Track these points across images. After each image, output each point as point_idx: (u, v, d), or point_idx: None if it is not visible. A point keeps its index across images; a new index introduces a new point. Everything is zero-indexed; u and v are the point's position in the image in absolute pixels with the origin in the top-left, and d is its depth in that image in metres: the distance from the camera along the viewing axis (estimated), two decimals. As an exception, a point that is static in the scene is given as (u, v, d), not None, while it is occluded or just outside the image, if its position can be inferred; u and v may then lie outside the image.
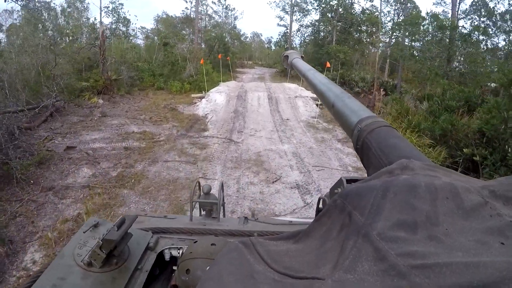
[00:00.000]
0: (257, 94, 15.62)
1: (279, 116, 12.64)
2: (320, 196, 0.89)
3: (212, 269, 0.47)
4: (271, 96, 15.32)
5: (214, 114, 12.69)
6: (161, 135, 10.26)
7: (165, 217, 1.46)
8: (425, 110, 11.90)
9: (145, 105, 15.44)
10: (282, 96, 15.43)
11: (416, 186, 0.44)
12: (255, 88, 17.59)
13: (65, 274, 0.90)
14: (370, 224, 0.41)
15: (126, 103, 16.15)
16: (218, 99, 14.44)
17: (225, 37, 29.34)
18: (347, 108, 1.05)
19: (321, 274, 0.40)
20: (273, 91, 16.92)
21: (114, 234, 0.91)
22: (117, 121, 12.02)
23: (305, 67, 1.62)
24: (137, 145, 9.45)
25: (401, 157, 0.62)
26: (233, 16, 38.84)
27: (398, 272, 0.33)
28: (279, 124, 11.49)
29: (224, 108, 13.36)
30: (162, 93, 19.21)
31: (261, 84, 20.27)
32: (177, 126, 11.31)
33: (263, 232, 1.27)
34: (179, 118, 12.44)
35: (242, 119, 12.05)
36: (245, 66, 41.77)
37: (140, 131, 10.73)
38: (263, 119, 12.03)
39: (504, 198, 0.43)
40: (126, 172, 7.63)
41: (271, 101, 14.66)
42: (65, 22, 26.58)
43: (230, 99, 14.56)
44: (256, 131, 10.51)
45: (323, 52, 27.49)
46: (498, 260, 0.31)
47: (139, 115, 13.22)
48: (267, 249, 0.51)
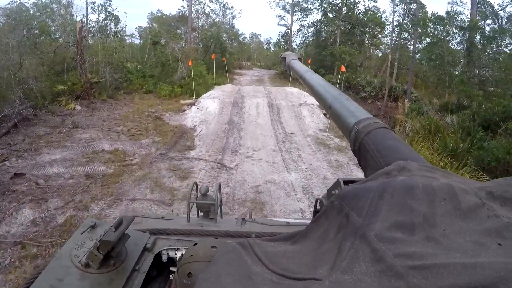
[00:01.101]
0: (255, 100, 13.48)
1: (282, 129, 10.51)
2: (318, 197, 0.88)
3: (210, 270, 0.46)
4: (271, 103, 13.18)
5: (204, 125, 10.54)
6: (136, 156, 8.11)
7: (162, 218, 1.45)
8: (455, 125, 9.80)
9: (127, 112, 13.29)
10: (285, 103, 13.29)
11: (413, 187, 0.44)
12: (254, 93, 15.43)
13: (63, 275, 0.88)
14: (368, 225, 0.41)
15: (106, 110, 14.02)
16: (210, 106, 12.29)
17: (222, 36, 27.16)
18: (344, 110, 1.01)
19: (318, 275, 0.40)
20: (274, 96, 14.78)
21: (112, 235, 0.89)
22: (88, 135, 9.86)
23: (302, 68, 1.58)
24: (103, 171, 7.31)
25: (398, 158, 0.62)
26: (231, 15, 36.67)
27: (396, 273, 0.33)
28: (283, 140, 9.36)
29: (216, 118, 11.21)
30: (150, 98, 17.05)
31: (260, 88, 18.10)
32: (158, 142, 9.16)
33: (261, 233, 1.24)
34: (162, 131, 10.29)
35: (238, 132, 9.91)
36: (243, 67, 39.62)
37: (111, 149, 8.58)
38: (263, 133, 9.90)
39: (502, 199, 0.42)
40: (77, 216, 5.53)
41: (271, 109, 12.52)
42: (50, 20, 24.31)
43: (225, 107, 12.41)
44: (254, 150, 8.37)
45: (327, 54, 25.37)
46: (495, 261, 0.31)
47: (116, 125, 11.06)
48: (264, 250, 0.50)
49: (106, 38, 25.22)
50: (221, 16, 35.88)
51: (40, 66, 14.32)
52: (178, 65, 18.49)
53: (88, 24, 22.14)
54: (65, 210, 5.76)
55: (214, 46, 24.80)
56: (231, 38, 37.31)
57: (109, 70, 17.16)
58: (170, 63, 18.67)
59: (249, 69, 39.19)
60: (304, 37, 32.46)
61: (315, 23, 31.21)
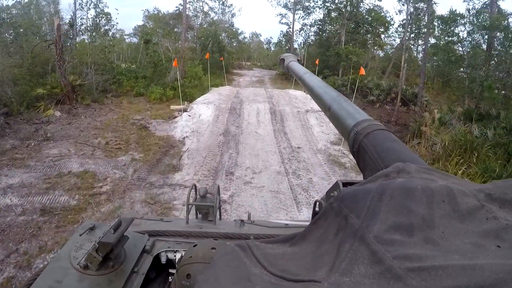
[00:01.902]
0: (255, 106, 11.85)
1: (287, 141, 8.90)
2: (316, 199, 0.84)
3: (209, 272, 0.46)
4: (274, 110, 11.56)
5: (195, 137, 8.93)
6: (107, 181, 6.50)
7: (161, 220, 1.44)
8: (490, 141, 8.18)
9: (111, 119, 11.69)
10: (289, 109, 11.67)
11: (412, 189, 0.43)
12: (254, 97, 13.80)
13: (61, 277, 0.87)
14: (366, 227, 0.41)
15: (88, 116, 12.44)
16: (204, 113, 10.67)
17: (220, 34, 25.48)
18: (343, 111, 0.99)
19: (317, 277, 0.39)
20: (276, 101, 13.14)
21: (111, 237, 0.88)
22: (58, 150, 8.25)
23: (301, 70, 1.57)
24: (63, 203, 5.73)
25: (397, 160, 0.62)
26: (230, 13, 34.97)
27: (394, 275, 0.32)
28: (288, 157, 7.75)
29: (210, 128, 9.59)
30: (140, 101, 15.43)
31: (261, 91, 16.46)
32: (138, 161, 7.54)
33: (260, 235, 1.21)
34: (145, 144, 8.67)
35: (235, 147, 8.30)
36: (243, 67, 37.93)
37: (80, 170, 6.98)
38: (265, 148, 8.29)
39: (500, 201, 0.42)
40: (16, 279, 4.01)
41: (274, 116, 10.90)
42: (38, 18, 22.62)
43: (220, 114, 10.79)
44: (254, 172, 6.76)
45: (331, 54, 23.72)
46: (494, 263, 0.31)
47: (94, 137, 9.44)
48: (263, 252, 0.50)
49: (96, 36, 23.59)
50: (220, 14, 34.21)
51: (17, 68, 12.72)
52: (172, 65, 16.85)
53: (76, 22, 20.45)
54: (3, 267, 4.19)
55: (212, 45, 23.14)
56: (230, 37, 35.65)
57: (95, 71, 15.57)
58: (163, 63, 17.03)
59: (249, 69, 37.52)
60: (306, 36, 30.80)
61: (318, 21, 29.58)
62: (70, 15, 22.33)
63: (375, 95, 20.67)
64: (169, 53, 17.10)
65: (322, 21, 28.89)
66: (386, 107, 20.24)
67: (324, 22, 28.87)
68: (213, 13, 34.11)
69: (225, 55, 24.01)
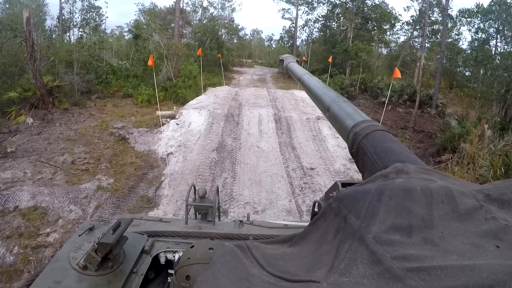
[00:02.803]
0: (257, 112, 10.02)
1: (297, 160, 7.11)
2: (316, 199, 0.84)
3: (208, 272, 0.45)
4: (279, 116, 9.73)
5: (182, 153, 7.14)
6: (58, 224, 4.76)
7: (160, 220, 1.41)
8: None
9: (87, 128, 9.91)
10: (296, 115, 9.84)
11: (411, 189, 0.43)
12: (255, 100, 11.96)
13: (61, 277, 0.86)
14: (365, 227, 0.40)
15: (63, 123, 10.68)
16: (195, 121, 8.85)
17: (219, 30, 23.55)
18: (342, 112, 1.00)
19: (316, 277, 0.39)
20: (281, 105, 11.31)
21: (110, 238, 0.87)
22: (11, 173, 6.50)
23: (300, 71, 1.57)
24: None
25: (396, 161, 0.61)
26: (230, 8, 32.94)
27: (394, 275, 0.32)
28: (300, 185, 5.96)
29: (201, 141, 7.79)
30: (127, 104, 13.62)
31: (263, 91, 14.60)
32: (105, 190, 5.78)
33: (259, 235, 1.19)
34: (120, 164, 6.90)
35: (231, 169, 6.51)
36: (244, 65, 35.94)
37: (30, 205, 5.25)
38: (269, 170, 6.50)
39: (499, 202, 0.42)
40: None
41: (279, 125, 9.08)
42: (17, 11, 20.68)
43: (215, 122, 8.97)
44: (255, 211, 4.99)
45: (339, 51, 21.81)
46: (493, 263, 0.31)
47: (61, 153, 7.66)
48: (262, 252, 0.50)
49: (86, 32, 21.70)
50: (219, 9, 32.21)
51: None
52: (163, 63, 15.02)
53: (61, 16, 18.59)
54: None
55: (210, 41, 21.24)
56: (230, 33, 33.69)
57: (78, 70, 13.75)
58: (155, 61, 15.18)
59: (250, 67, 35.56)
60: (310, 32, 28.83)
61: (322, 17, 27.58)
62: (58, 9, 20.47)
63: (386, 96, 18.80)
64: (161, 49, 15.25)
65: (326, 17, 26.91)
66: (399, 110, 18.40)
67: (327, 18, 26.91)
68: (212, 8, 32.15)
69: (224, 52, 22.12)
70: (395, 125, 15.29)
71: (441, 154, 9.63)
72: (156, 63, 15.25)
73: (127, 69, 16.75)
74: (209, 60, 21.65)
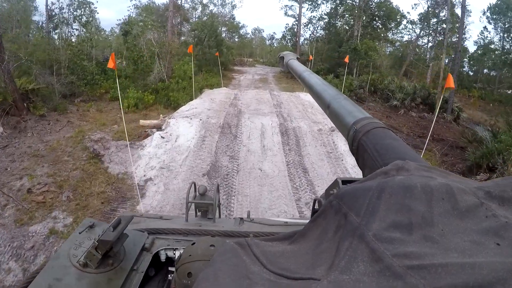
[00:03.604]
0: (259, 121, 8.33)
1: (310, 188, 5.44)
2: (316, 197, 0.83)
3: (208, 269, 0.45)
4: (285, 127, 8.04)
5: (163, 180, 5.48)
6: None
7: (161, 218, 1.41)
8: None
9: (61, 140, 8.31)
10: (306, 125, 8.15)
11: (411, 187, 0.42)
12: (256, 105, 10.28)
13: (61, 274, 0.85)
14: (366, 225, 0.40)
15: (37, 133, 9.07)
16: (184, 133, 7.17)
17: (218, 26, 21.80)
18: (343, 109, 0.99)
19: (316, 274, 0.39)
20: (287, 112, 9.61)
21: (110, 235, 0.85)
22: None
23: (300, 68, 1.56)
24: None
25: (396, 158, 0.60)
26: (230, 4, 31.12)
27: (394, 273, 0.32)
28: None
29: (189, 161, 6.13)
30: (113, 108, 11.95)
31: (265, 95, 12.91)
32: (59, 236, 4.16)
33: (259, 233, 1.19)
34: (85, 194, 5.27)
35: (225, 204, 4.84)
36: (245, 64, 34.16)
37: None
38: (275, 204, 4.84)
39: (500, 199, 0.41)
40: None
41: (286, 138, 7.40)
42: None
43: (208, 134, 7.30)
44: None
45: (346, 50, 20.07)
46: (493, 261, 0.31)
47: (20, 176, 6.05)
48: (263, 250, 0.49)
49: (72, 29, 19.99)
50: (219, 6, 30.43)
51: None
52: (155, 62, 13.32)
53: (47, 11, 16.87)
54: None
55: (208, 38, 19.52)
56: (230, 31, 31.96)
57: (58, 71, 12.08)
58: (146, 60, 13.52)
59: (251, 66, 33.79)
60: (315, 30, 27.07)
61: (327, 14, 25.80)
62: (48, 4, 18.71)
63: (398, 99, 17.09)
64: (152, 47, 13.55)
65: (331, 14, 25.14)
66: (412, 114, 16.69)
67: (332, 16, 25.14)
68: (212, 5, 30.38)
69: (223, 51, 20.40)
70: (412, 133, 13.53)
71: (475, 173, 7.98)
72: (148, 63, 13.61)
73: (119, 69, 15.06)
74: (208, 59, 19.93)
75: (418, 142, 12.11)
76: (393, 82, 18.33)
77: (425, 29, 26.95)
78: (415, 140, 12.21)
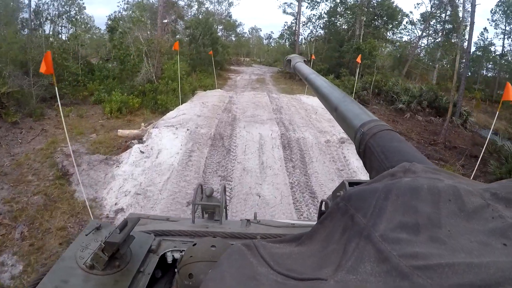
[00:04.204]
0: (257, 131, 7.18)
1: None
2: (323, 199, 0.80)
3: (215, 271, 0.45)
4: (288, 139, 6.89)
5: (138, 211, 4.33)
6: None
7: (167, 219, 1.40)
8: None
9: (29, 152, 7.20)
10: (311, 136, 7.01)
11: (418, 188, 0.42)
12: (254, 111, 9.12)
13: (68, 276, 0.83)
14: (373, 225, 0.40)
15: (6, 144, 7.94)
16: (166, 147, 6.01)
17: (213, 24, 20.57)
18: (350, 112, 0.98)
19: (323, 275, 0.39)
20: (289, 119, 8.47)
21: (116, 237, 0.83)
22: None
23: (307, 70, 1.56)
24: None
25: (403, 160, 0.59)
26: (227, 2, 29.88)
27: (401, 273, 0.32)
28: None
29: (172, 183, 4.97)
30: (95, 113, 10.72)
31: (263, 98, 11.76)
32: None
33: (266, 234, 1.16)
34: (42, 230, 4.21)
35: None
36: (242, 63, 32.95)
37: None
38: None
39: (506, 201, 0.41)
40: None
41: (289, 153, 6.25)
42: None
43: (196, 148, 6.14)
44: None
45: (347, 50, 18.96)
46: (500, 261, 0.30)
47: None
48: (270, 251, 0.49)
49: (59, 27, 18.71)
50: (215, 3, 29.19)
51: None
52: (143, 62, 12.11)
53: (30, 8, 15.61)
54: None
55: (203, 37, 18.32)
56: (227, 30, 30.74)
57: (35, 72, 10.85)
58: (133, 59, 12.31)
59: (248, 66, 32.59)
60: (315, 29, 25.92)
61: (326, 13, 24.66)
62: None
63: (404, 102, 16.02)
64: (140, 45, 12.34)
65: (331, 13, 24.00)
66: (418, 118, 15.63)
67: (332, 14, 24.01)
68: (208, 2, 29.13)
69: (218, 49, 19.21)
70: (422, 140, 12.42)
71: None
72: (134, 62, 12.40)
73: (107, 69, 13.80)
74: (203, 59, 18.72)
75: (430, 150, 11.00)
76: (397, 83, 17.27)
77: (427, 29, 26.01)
78: (426, 149, 11.07)
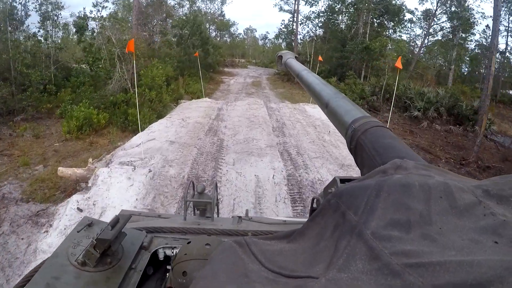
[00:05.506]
0: (251, 170, 4.99)
1: None
2: (314, 195, 0.81)
3: (206, 268, 0.44)
4: (299, 183, 4.71)
5: None
6: None
7: (159, 216, 1.37)
8: None
9: None
10: (331, 176, 4.86)
11: (409, 185, 0.42)
12: (248, 132, 6.96)
13: (59, 273, 0.82)
14: (364, 223, 0.40)
15: None
16: (116, 203, 3.81)
17: (202, 22, 18.34)
18: (341, 108, 0.98)
19: (314, 273, 0.38)
20: (295, 144, 6.31)
21: (108, 234, 0.82)
22: None
23: (298, 67, 1.53)
24: None
25: (395, 157, 0.59)
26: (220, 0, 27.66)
27: (392, 271, 0.32)
28: None
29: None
30: (55, 132, 8.48)
31: (260, 109, 9.58)
32: None
33: (257, 231, 1.14)
34: None
35: None
36: (236, 65, 30.79)
37: None
38: None
39: (498, 197, 0.41)
40: None
41: (302, 212, 4.11)
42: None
43: (158, 205, 3.96)
44: None
45: (352, 49, 16.87)
46: (491, 259, 0.30)
47: None
48: (261, 248, 0.48)
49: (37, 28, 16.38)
50: (207, 1, 26.97)
51: None
52: (115, 67, 9.92)
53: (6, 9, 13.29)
54: None
55: (191, 36, 16.10)
56: (220, 30, 28.52)
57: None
58: (105, 63, 10.14)
59: (243, 68, 30.44)
60: (313, 27, 23.81)
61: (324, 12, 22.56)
62: None
63: (419, 108, 13.97)
64: (113, 47, 10.13)
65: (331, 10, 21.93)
66: (437, 128, 13.54)
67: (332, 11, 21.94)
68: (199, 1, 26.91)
69: (209, 50, 17.01)
70: (448, 156, 10.35)
71: None
72: (105, 66, 10.22)
73: (84, 75, 11.54)
74: (192, 61, 16.51)
75: (462, 172, 8.88)
76: (409, 87, 15.23)
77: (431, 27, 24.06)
78: (459, 171, 8.94)
